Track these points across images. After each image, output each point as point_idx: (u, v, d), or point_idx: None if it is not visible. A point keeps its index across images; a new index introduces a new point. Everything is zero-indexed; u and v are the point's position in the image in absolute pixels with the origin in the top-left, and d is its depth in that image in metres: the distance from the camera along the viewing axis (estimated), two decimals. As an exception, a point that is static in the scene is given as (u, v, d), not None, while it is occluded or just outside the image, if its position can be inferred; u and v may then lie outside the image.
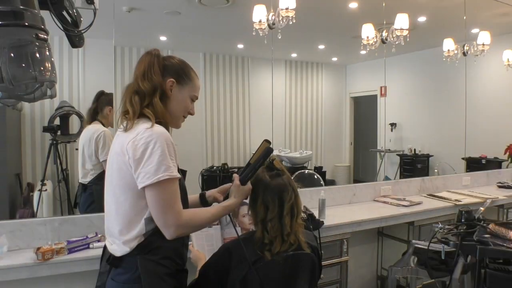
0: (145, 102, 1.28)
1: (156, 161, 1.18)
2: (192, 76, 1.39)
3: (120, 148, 1.25)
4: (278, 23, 2.88)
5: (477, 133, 4.18)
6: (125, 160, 1.22)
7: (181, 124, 1.42)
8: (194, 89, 1.39)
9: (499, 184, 3.82)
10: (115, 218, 1.28)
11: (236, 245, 1.40)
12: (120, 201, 1.26)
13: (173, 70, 1.35)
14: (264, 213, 1.37)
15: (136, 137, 1.21)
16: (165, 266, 1.27)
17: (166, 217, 1.20)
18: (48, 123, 2.33)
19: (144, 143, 1.20)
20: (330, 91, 4.51)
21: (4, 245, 1.78)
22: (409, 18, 3.43)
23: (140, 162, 1.19)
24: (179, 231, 1.22)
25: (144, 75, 1.29)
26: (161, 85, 1.31)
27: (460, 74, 4.10)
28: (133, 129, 1.24)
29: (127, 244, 1.25)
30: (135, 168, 1.20)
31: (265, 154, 1.40)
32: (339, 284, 2.46)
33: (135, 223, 1.24)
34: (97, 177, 2.29)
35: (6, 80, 1.24)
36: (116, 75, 2.52)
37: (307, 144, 4.27)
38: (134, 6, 2.80)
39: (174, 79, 1.34)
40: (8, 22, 1.25)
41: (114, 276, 1.28)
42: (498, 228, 1.91)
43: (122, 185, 1.25)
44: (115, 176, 1.27)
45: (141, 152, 1.19)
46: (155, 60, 1.32)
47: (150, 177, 1.18)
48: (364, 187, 3.19)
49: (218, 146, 3.62)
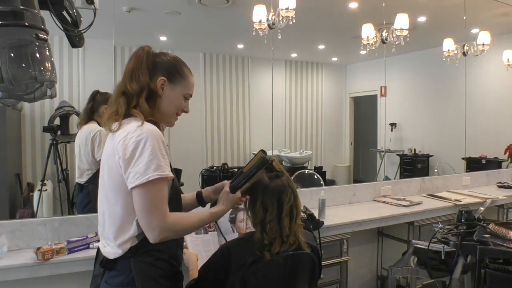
0: (132, 103, 1.24)
1: (146, 159, 1.14)
2: (185, 73, 1.33)
3: (111, 149, 1.22)
4: (278, 23, 2.88)
5: (477, 133, 4.18)
6: (116, 160, 1.19)
7: (174, 122, 1.37)
8: (187, 87, 1.34)
9: (499, 184, 3.82)
10: (108, 220, 1.25)
11: (235, 245, 1.40)
12: (112, 203, 1.23)
13: (164, 67, 1.29)
14: (263, 215, 1.37)
15: (126, 136, 1.17)
16: (159, 268, 1.25)
17: (150, 219, 1.15)
18: (48, 123, 2.34)
19: (134, 141, 1.16)
20: (330, 91, 4.51)
21: (4, 245, 1.78)
22: (409, 18, 3.43)
23: (130, 161, 1.15)
24: (163, 235, 1.16)
25: (132, 76, 1.25)
26: (148, 85, 1.25)
27: (460, 74, 4.10)
28: (123, 128, 1.21)
29: (121, 246, 1.21)
30: (125, 168, 1.16)
31: (259, 165, 1.37)
32: (339, 284, 2.46)
33: (128, 225, 1.21)
34: (93, 177, 2.28)
35: (6, 80, 1.24)
36: (116, 75, 2.52)
37: (307, 144, 4.27)
38: (134, 6, 2.80)
39: (165, 77, 1.28)
40: (8, 22, 1.25)
41: (108, 279, 1.25)
42: (498, 228, 1.91)
43: (113, 187, 1.22)
44: (106, 178, 1.24)
45: (131, 151, 1.15)
46: (144, 58, 1.27)
47: (139, 177, 1.14)
48: (364, 187, 3.19)
49: (218, 146, 3.62)
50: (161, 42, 3.28)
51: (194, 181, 3.17)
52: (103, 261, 1.27)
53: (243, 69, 3.78)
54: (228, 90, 3.69)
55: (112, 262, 1.24)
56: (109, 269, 1.25)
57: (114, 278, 1.24)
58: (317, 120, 4.36)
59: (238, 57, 3.76)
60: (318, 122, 4.37)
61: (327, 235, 2.37)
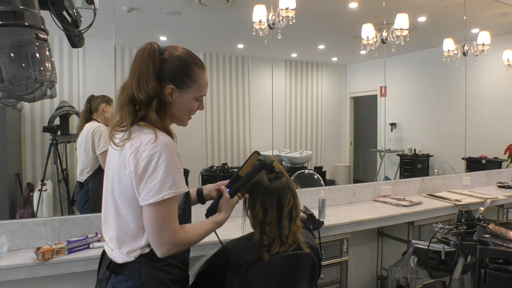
0: (140, 113, 1.17)
1: (160, 176, 1.09)
2: (196, 75, 1.23)
3: (122, 160, 1.15)
4: (278, 23, 2.88)
5: (477, 133, 4.18)
6: (126, 174, 1.13)
7: (187, 122, 1.31)
8: (199, 89, 1.24)
9: (499, 184, 3.82)
10: (116, 230, 1.20)
11: (234, 246, 1.40)
12: (122, 215, 1.18)
13: (172, 74, 1.20)
14: (263, 216, 1.36)
15: (138, 149, 1.11)
16: (170, 273, 1.21)
17: (160, 235, 1.11)
18: (48, 123, 2.34)
19: (147, 156, 1.09)
20: (330, 91, 4.51)
21: (4, 245, 1.78)
22: (409, 18, 3.43)
23: (143, 177, 1.10)
24: (173, 250, 1.14)
25: (139, 82, 1.16)
26: (157, 93, 1.17)
27: (460, 74, 4.10)
28: (134, 138, 1.14)
29: (130, 254, 1.18)
30: (137, 184, 1.11)
31: (258, 169, 1.36)
32: (339, 284, 2.46)
33: (139, 237, 1.17)
34: (93, 175, 2.30)
35: (6, 80, 1.24)
36: (116, 75, 2.52)
37: (307, 144, 4.27)
38: (134, 6, 2.80)
39: (173, 86, 1.20)
40: (8, 22, 1.25)
41: (115, 283, 1.20)
42: (498, 228, 1.90)
43: (124, 199, 1.17)
44: (116, 188, 1.18)
45: (144, 166, 1.09)
46: (150, 63, 1.17)
47: (153, 196, 1.09)
48: (364, 187, 3.19)
49: (218, 146, 3.62)
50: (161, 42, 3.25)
51: (194, 181, 3.17)
52: (111, 264, 1.22)
53: (243, 69, 3.78)
54: (228, 90, 3.69)
55: (120, 266, 1.20)
56: (116, 273, 1.21)
57: (122, 283, 1.19)
58: (317, 120, 4.36)
59: (238, 57, 3.76)
60: (318, 122, 4.36)
61: (327, 235, 2.37)
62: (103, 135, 2.28)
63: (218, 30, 3.55)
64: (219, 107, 3.62)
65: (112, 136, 1.18)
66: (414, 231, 2.84)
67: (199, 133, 3.53)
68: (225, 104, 3.66)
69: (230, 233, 1.47)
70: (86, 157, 2.31)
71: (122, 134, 1.17)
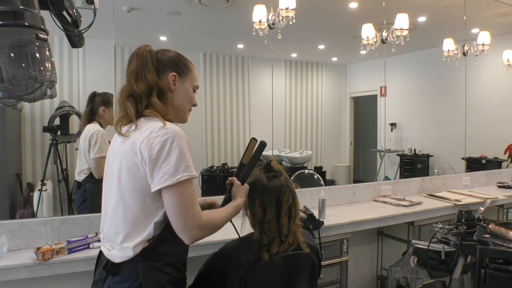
0: (143, 104, 1.22)
1: (174, 160, 1.12)
2: (190, 66, 1.34)
3: (131, 148, 1.16)
4: (278, 23, 2.88)
5: (477, 133, 4.18)
6: (137, 161, 1.15)
7: (187, 117, 1.36)
8: (194, 78, 1.34)
9: (499, 184, 3.82)
10: (122, 222, 1.19)
11: (234, 246, 1.40)
12: (129, 205, 1.18)
13: (171, 63, 1.28)
14: (262, 215, 1.37)
15: (150, 135, 1.14)
16: (167, 274, 1.21)
17: (185, 219, 1.13)
18: (48, 123, 2.34)
19: (160, 141, 1.12)
20: (330, 91, 4.51)
21: (4, 245, 1.78)
22: (409, 18, 3.43)
23: (157, 162, 1.12)
24: (200, 234, 1.16)
25: (137, 75, 1.22)
26: (156, 83, 1.23)
27: (460, 74, 4.10)
28: (142, 128, 1.17)
29: (133, 249, 1.17)
30: (151, 169, 1.13)
31: (260, 149, 1.40)
32: (339, 284, 2.46)
33: (144, 227, 1.18)
34: (90, 175, 2.30)
35: (6, 80, 1.24)
36: (116, 75, 2.52)
37: (307, 144, 4.28)
38: (134, 6, 2.80)
39: (175, 72, 1.27)
40: (8, 22, 1.25)
41: (112, 284, 1.19)
42: (498, 228, 1.90)
43: (132, 187, 1.17)
44: (123, 179, 1.19)
45: (158, 151, 1.12)
46: (148, 56, 1.24)
47: (168, 178, 1.11)
48: (364, 187, 3.19)
49: (218, 146, 3.62)
50: (161, 42, 3.28)
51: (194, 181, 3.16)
52: (108, 265, 1.21)
53: (243, 69, 3.78)
54: (228, 90, 3.69)
55: (117, 266, 1.19)
56: (113, 273, 1.20)
57: (119, 283, 1.18)
58: (317, 120, 4.36)
59: (238, 57, 3.76)
60: (318, 122, 4.37)
61: (327, 235, 2.37)
62: (100, 141, 2.27)
63: (218, 30, 3.55)
64: (219, 107, 3.62)
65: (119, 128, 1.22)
66: (414, 231, 2.84)
67: (199, 133, 3.53)
68: (225, 104, 3.66)
69: (230, 233, 1.47)
70: (84, 158, 2.31)
71: (128, 126, 1.21)
